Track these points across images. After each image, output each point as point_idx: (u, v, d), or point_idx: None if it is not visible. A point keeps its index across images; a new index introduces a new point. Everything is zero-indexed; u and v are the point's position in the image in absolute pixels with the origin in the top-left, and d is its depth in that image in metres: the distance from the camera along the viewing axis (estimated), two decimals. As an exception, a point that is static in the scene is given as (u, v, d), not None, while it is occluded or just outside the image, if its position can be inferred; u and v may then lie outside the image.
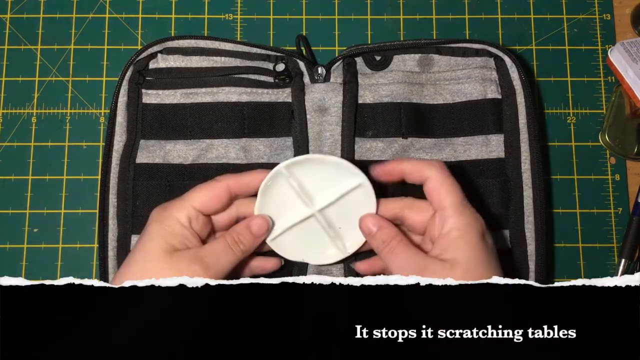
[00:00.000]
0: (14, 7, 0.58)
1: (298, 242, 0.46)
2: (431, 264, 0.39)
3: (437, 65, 0.52)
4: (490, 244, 0.41)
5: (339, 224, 0.46)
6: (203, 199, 0.43)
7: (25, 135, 0.56)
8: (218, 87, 0.51)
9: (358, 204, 0.45)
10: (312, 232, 0.46)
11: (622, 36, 0.59)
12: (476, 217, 0.41)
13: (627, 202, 0.56)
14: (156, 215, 0.42)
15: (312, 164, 0.44)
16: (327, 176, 0.44)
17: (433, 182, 0.42)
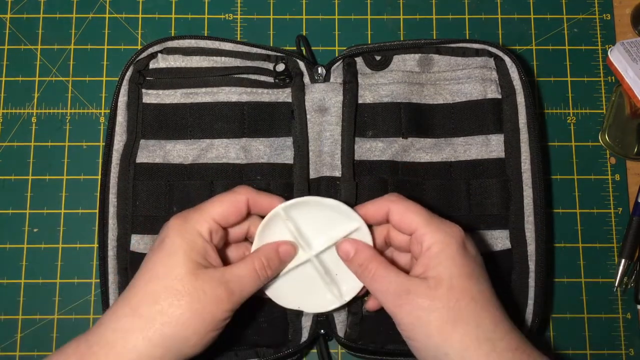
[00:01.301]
0: (14, 7, 0.58)
1: (293, 288, 0.45)
2: (414, 286, 0.38)
3: (437, 65, 0.52)
4: (472, 252, 0.40)
5: (336, 270, 0.45)
6: (224, 211, 0.41)
7: (25, 135, 0.56)
8: (218, 87, 0.51)
9: None
10: (307, 277, 0.45)
11: (622, 36, 0.59)
12: (452, 228, 0.40)
13: (627, 202, 0.56)
14: (177, 226, 0.40)
15: (311, 206, 0.44)
16: (325, 219, 0.44)
17: (394, 212, 0.41)
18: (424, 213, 0.41)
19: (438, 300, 0.38)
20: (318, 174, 0.50)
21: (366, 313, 0.48)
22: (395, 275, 0.39)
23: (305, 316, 0.48)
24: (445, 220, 0.41)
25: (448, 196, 0.50)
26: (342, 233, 0.44)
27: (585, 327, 0.54)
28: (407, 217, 0.41)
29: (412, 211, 0.41)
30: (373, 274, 0.40)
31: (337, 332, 0.48)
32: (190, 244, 0.39)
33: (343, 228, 0.44)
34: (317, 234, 0.45)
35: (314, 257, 0.44)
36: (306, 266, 0.45)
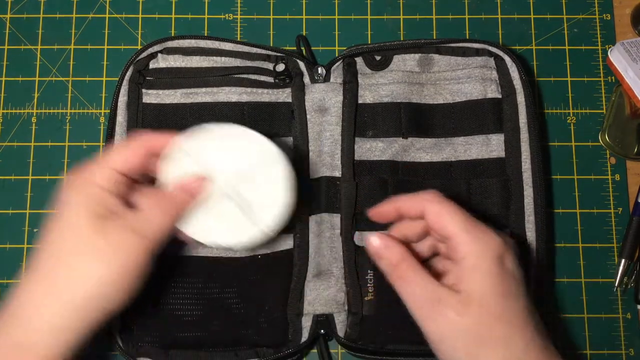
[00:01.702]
0: (14, 7, 0.58)
1: (210, 223, 0.42)
2: (445, 296, 0.36)
3: (437, 65, 0.52)
4: (510, 269, 0.37)
5: (255, 201, 0.42)
6: (122, 159, 0.39)
7: (25, 135, 0.56)
8: (218, 87, 0.51)
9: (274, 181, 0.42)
10: (223, 210, 0.42)
11: (622, 36, 0.59)
12: (490, 240, 0.37)
13: (627, 202, 0.56)
14: (73, 182, 0.38)
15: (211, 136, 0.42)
16: (230, 147, 0.42)
17: (429, 213, 0.39)
18: (461, 218, 0.38)
19: (468, 317, 0.36)
20: (318, 174, 0.50)
21: (366, 313, 0.48)
22: (426, 280, 0.37)
23: (305, 316, 0.48)
24: (485, 228, 0.38)
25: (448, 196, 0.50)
26: (251, 158, 0.42)
27: (585, 327, 0.54)
28: (443, 220, 0.38)
29: (448, 214, 0.38)
30: (402, 274, 0.38)
31: (337, 332, 0.48)
32: (90, 197, 0.38)
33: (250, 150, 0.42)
34: (226, 164, 0.42)
35: (226, 188, 0.42)
36: (221, 199, 0.42)
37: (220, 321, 0.48)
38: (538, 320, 0.38)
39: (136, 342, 0.48)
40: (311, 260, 0.49)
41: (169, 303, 0.48)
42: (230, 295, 0.49)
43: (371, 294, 0.48)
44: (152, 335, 0.48)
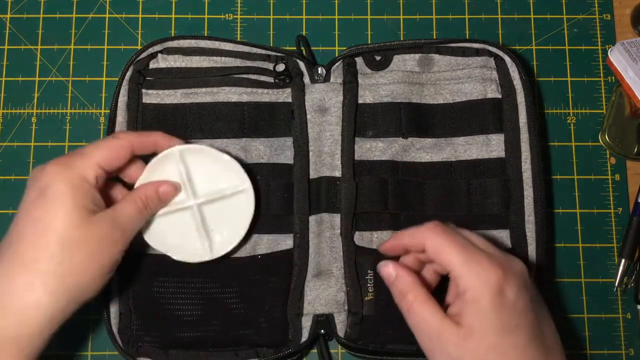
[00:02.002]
0: (14, 7, 0.58)
1: (167, 232, 0.45)
2: (446, 331, 0.37)
3: (437, 65, 0.52)
4: (511, 300, 0.37)
5: (212, 224, 0.46)
6: (108, 156, 0.40)
7: (25, 135, 0.56)
8: (218, 87, 0.51)
9: (236, 209, 0.46)
10: (184, 225, 0.46)
11: (622, 36, 0.59)
12: (489, 273, 0.37)
13: (627, 202, 0.56)
14: (59, 174, 0.38)
15: (205, 156, 0.45)
16: (216, 173, 0.46)
17: (429, 247, 0.39)
18: (460, 250, 0.38)
19: (467, 353, 0.36)
20: (318, 174, 0.50)
21: (366, 313, 0.48)
22: (430, 314, 0.38)
23: (306, 316, 0.48)
24: (484, 259, 0.37)
25: (448, 196, 0.50)
26: (228, 190, 0.46)
27: (585, 327, 0.54)
28: (441, 255, 0.38)
29: (446, 248, 0.38)
30: (409, 306, 0.39)
31: (337, 332, 0.48)
32: (78, 190, 0.38)
33: (230, 185, 0.46)
34: (205, 184, 0.46)
35: (195, 206, 0.45)
36: (186, 213, 0.46)
37: (220, 321, 0.48)
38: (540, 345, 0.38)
39: (136, 342, 0.48)
40: (311, 260, 0.49)
41: (169, 303, 0.48)
42: (230, 295, 0.49)
43: (371, 294, 0.48)
44: (152, 335, 0.48)
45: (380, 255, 0.49)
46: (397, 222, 0.50)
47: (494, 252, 0.39)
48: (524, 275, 0.39)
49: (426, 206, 0.50)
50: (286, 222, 0.50)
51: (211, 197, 0.46)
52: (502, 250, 0.40)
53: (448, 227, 0.40)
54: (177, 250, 0.46)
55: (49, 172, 0.38)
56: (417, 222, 0.49)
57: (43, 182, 0.38)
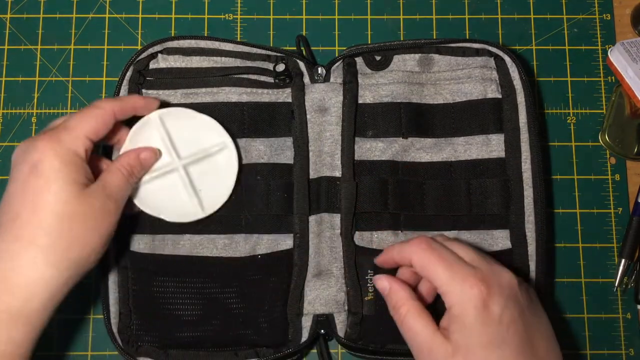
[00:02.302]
0: (14, 7, 0.58)
1: (158, 196, 0.47)
2: (436, 346, 0.38)
3: (437, 65, 0.52)
4: (496, 314, 0.37)
5: (200, 183, 0.48)
6: (94, 127, 0.41)
7: (25, 135, 0.56)
8: (218, 88, 0.51)
9: (221, 166, 0.48)
10: (172, 187, 0.47)
11: (622, 36, 0.59)
12: (474, 287, 0.38)
13: (627, 202, 0.56)
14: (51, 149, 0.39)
15: (184, 118, 0.47)
16: (196, 133, 0.48)
17: (417, 264, 0.40)
18: (445, 267, 0.39)
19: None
20: (318, 174, 0.50)
21: (366, 313, 0.48)
22: (422, 327, 0.39)
23: (305, 316, 0.48)
24: (468, 276, 0.38)
25: (448, 196, 0.50)
26: (211, 149, 0.48)
27: (585, 327, 0.54)
28: (427, 272, 0.39)
29: (432, 264, 0.39)
30: (402, 319, 0.40)
31: (337, 332, 0.48)
32: (71, 165, 0.39)
33: (212, 143, 0.48)
34: (188, 145, 0.47)
35: (181, 167, 0.47)
36: (173, 175, 0.47)
37: (220, 321, 0.48)
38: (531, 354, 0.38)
39: (136, 341, 0.48)
40: (311, 260, 0.49)
41: (169, 303, 0.48)
42: (230, 295, 0.49)
43: (371, 294, 0.48)
44: (152, 334, 0.48)
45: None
46: (397, 222, 0.50)
47: (482, 264, 0.39)
48: (512, 288, 0.39)
49: (426, 206, 0.50)
50: (286, 222, 0.50)
51: (195, 157, 0.47)
52: (490, 262, 0.40)
53: (435, 241, 0.41)
54: (169, 212, 0.47)
55: (39, 147, 0.38)
56: (417, 222, 0.50)
57: (35, 157, 0.38)
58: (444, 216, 0.50)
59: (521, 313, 0.38)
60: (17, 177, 0.39)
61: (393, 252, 0.42)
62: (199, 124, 0.48)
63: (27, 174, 0.38)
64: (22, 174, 0.38)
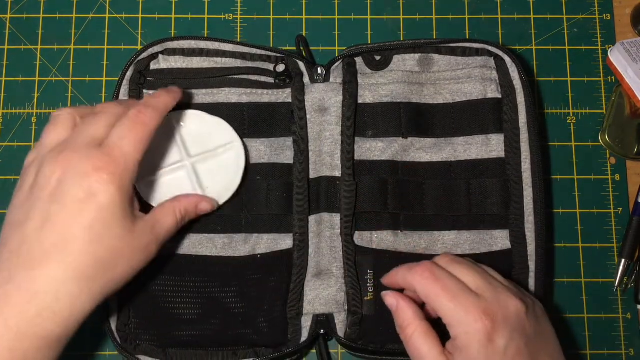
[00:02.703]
0: (14, 7, 0.58)
1: (165, 191, 0.48)
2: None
3: (437, 65, 0.52)
4: (501, 348, 0.37)
5: (206, 181, 0.49)
6: (144, 150, 0.40)
7: (25, 135, 0.56)
8: (218, 89, 0.51)
9: (228, 165, 0.49)
10: (180, 183, 0.48)
11: (622, 36, 0.59)
12: (478, 321, 0.37)
13: (627, 202, 0.56)
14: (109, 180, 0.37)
15: (195, 118, 0.49)
16: (206, 133, 0.49)
17: (421, 293, 0.40)
18: (449, 299, 0.38)
19: None
20: (318, 173, 0.50)
21: (366, 313, 0.48)
22: (428, 348, 0.38)
23: (305, 316, 0.48)
24: (472, 308, 0.38)
25: (448, 196, 0.50)
26: (219, 148, 0.49)
27: (585, 327, 0.54)
28: (431, 301, 0.39)
29: (435, 295, 0.39)
30: (409, 339, 0.39)
31: (337, 332, 0.48)
32: (127, 199, 0.38)
33: (221, 143, 0.49)
34: (197, 144, 0.49)
35: (189, 164, 0.48)
36: (181, 172, 0.48)
37: (220, 320, 0.48)
38: None
39: (135, 340, 0.47)
40: (311, 260, 0.49)
41: (168, 302, 0.48)
42: (229, 294, 0.49)
43: (371, 294, 0.48)
44: (151, 333, 0.48)
45: (380, 255, 0.49)
46: (396, 222, 0.50)
47: (487, 292, 0.39)
48: (519, 317, 0.39)
49: (426, 206, 0.50)
50: (286, 222, 0.50)
51: (204, 156, 0.49)
52: (497, 287, 0.40)
53: (438, 268, 0.40)
54: None
55: (99, 177, 0.36)
56: (417, 222, 0.50)
57: (94, 185, 0.36)
58: (444, 216, 0.50)
59: (527, 342, 0.38)
60: (66, 199, 0.36)
61: (397, 278, 0.42)
62: (210, 125, 0.49)
63: (82, 200, 0.36)
64: (74, 197, 0.36)
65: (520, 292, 0.41)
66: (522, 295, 0.41)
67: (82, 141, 0.38)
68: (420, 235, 0.50)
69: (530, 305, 0.40)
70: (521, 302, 0.39)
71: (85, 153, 0.37)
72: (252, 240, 0.50)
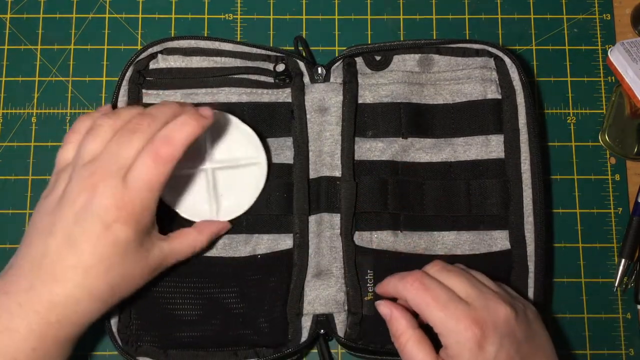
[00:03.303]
0: (14, 7, 0.58)
1: (180, 189, 0.48)
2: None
3: (437, 65, 0.52)
4: (492, 354, 0.38)
5: (223, 190, 0.48)
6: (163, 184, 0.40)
7: (25, 135, 0.56)
8: (218, 88, 0.51)
9: (247, 180, 0.48)
10: (196, 185, 0.48)
11: (622, 36, 0.59)
12: (468, 330, 0.38)
13: (627, 202, 0.56)
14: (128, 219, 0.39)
15: (228, 123, 0.48)
16: (234, 142, 0.48)
17: (412, 302, 0.41)
18: (439, 309, 0.39)
19: None
20: (318, 173, 0.50)
21: (366, 313, 0.48)
22: (422, 357, 0.39)
23: (305, 316, 0.48)
24: (462, 317, 0.39)
25: (448, 196, 0.50)
26: (243, 160, 0.48)
27: (585, 327, 0.54)
28: (422, 311, 0.40)
29: (426, 305, 0.40)
30: (403, 348, 0.40)
31: (337, 332, 0.48)
32: (143, 234, 0.40)
33: (246, 156, 0.48)
34: (222, 151, 0.48)
35: (210, 169, 0.48)
36: (200, 175, 0.48)
37: (220, 321, 0.48)
38: None
39: (135, 341, 0.48)
40: (311, 260, 0.49)
41: (168, 302, 0.48)
42: (229, 294, 0.49)
43: (371, 294, 0.49)
44: (152, 334, 0.48)
45: (380, 255, 0.49)
46: (396, 222, 0.50)
47: (477, 299, 0.40)
48: (508, 323, 0.39)
49: (426, 206, 0.50)
50: (286, 222, 0.50)
51: (226, 164, 0.48)
52: (487, 294, 0.40)
53: (428, 278, 0.41)
54: (185, 208, 0.48)
55: (116, 216, 0.38)
56: (417, 222, 0.50)
57: (112, 224, 0.38)
58: (444, 216, 0.50)
59: (518, 348, 0.39)
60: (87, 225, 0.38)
61: (389, 287, 0.43)
62: (239, 134, 0.48)
63: (100, 232, 0.38)
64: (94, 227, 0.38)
65: (510, 297, 0.42)
66: (512, 300, 0.41)
67: (111, 168, 0.39)
68: (420, 236, 0.50)
69: (520, 309, 0.41)
70: (510, 307, 0.40)
71: (110, 184, 0.39)
72: (252, 241, 0.50)
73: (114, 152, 0.40)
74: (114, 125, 0.41)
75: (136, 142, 0.40)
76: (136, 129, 0.40)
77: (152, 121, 0.41)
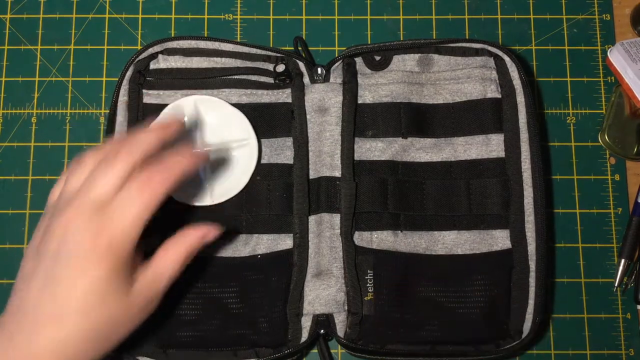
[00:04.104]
0: (14, 7, 0.58)
1: None
2: None
3: (436, 65, 0.52)
4: None
5: (216, 172, 0.49)
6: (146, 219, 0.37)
7: (25, 135, 0.56)
8: (218, 89, 0.51)
9: (239, 161, 0.49)
10: None
11: (622, 36, 0.59)
12: None
13: (627, 202, 0.56)
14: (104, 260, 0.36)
15: (217, 107, 0.49)
16: (224, 125, 0.49)
17: None
18: None
19: None
20: (318, 174, 0.50)
21: (366, 313, 0.48)
22: None
23: (305, 316, 0.48)
24: None
25: (448, 196, 0.50)
26: (234, 142, 0.49)
27: (585, 327, 0.54)
28: None
29: None
30: None
31: (337, 332, 0.48)
32: (122, 270, 0.37)
33: (237, 137, 0.49)
34: (213, 134, 0.49)
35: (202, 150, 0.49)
36: None
37: (220, 321, 0.48)
38: None
39: (135, 341, 0.47)
40: (311, 260, 0.49)
41: (168, 302, 0.48)
42: (229, 294, 0.49)
43: (371, 294, 0.48)
44: (151, 334, 0.48)
45: (380, 255, 0.49)
46: (396, 222, 0.50)
47: None
48: None
49: (426, 206, 0.50)
50: (286, 222, 0.50)
51: (218, 147, 0.49)
52: None
53: None
54: (179, 193, 0.48)
55: (92, 252, 0.36)
56: (417, 222, 0.50)
57: (89, 260, 0.36)
58: (444, 216, 0.50)
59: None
60: (65, 263, 0.36)
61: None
62: (229, 117, 0.49)
63: (77, 270, 0.36)
64: (72, 265, 0.36)
65: None
66: None
67: (88, 201, 0.37)
68: (420, 235, 0.50)
69: None
70: None
71: (87, 218, 0.36)
72: (252, 241, 0.50)
73: (92, 186, 0.37)
74: (94, 157, 0.39)
75: (117, 173, 0.37)
76: (119, 159, 0.38)
77: (130, 150, 0.38)
